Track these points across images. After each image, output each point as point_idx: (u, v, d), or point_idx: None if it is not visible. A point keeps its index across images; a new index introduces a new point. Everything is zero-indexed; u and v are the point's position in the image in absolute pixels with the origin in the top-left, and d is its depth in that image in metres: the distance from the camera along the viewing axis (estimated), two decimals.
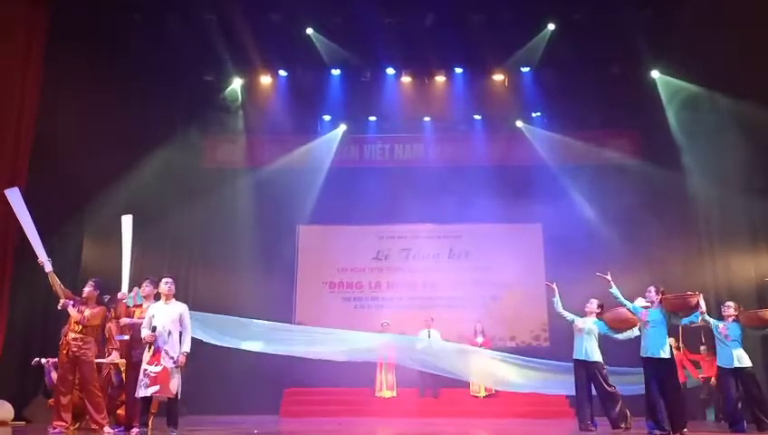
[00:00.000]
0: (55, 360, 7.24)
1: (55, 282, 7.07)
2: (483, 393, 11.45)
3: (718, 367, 7.94)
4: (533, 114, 13.45)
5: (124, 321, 7.10)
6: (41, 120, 9.13)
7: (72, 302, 6.99)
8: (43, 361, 7.92)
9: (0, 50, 8.80)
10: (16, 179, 8.46)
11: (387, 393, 11.62)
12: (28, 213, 7.16)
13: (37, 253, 7.11)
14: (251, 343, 9.49)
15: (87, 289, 7.00)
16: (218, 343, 9.15)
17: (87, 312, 6.90)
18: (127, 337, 7.19)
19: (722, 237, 11.73)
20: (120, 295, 7.20)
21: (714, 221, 11.91)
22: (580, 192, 12.69)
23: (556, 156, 13.13)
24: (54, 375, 7.33)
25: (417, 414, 10.86)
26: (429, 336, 11.59)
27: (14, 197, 7.24)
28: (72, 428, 6.93)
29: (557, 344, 10.33)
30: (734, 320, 7.81)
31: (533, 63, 12.15)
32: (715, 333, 7.83)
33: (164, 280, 6.73)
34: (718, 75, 10.95)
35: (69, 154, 9.37)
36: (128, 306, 7.27)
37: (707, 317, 7.54)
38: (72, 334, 6.90)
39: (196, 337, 8.02)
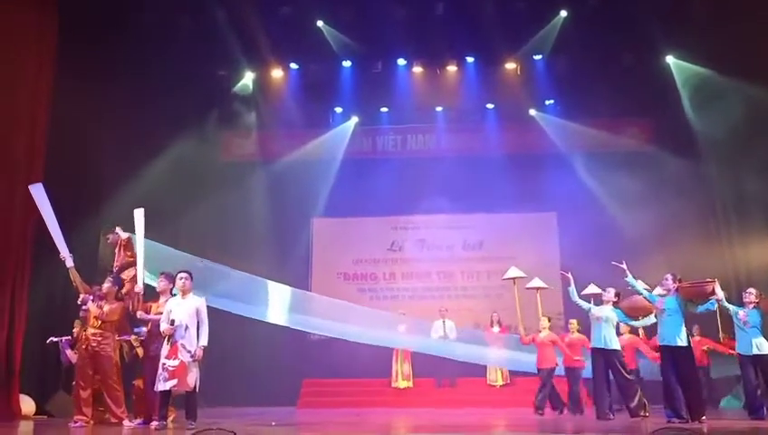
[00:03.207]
0: (69, 338, 7.27)
1: (76, 277, 7.16)
2: (500, 382, 11.46)
3: (738, 354, 7.88)
4: (546, 102, 13.38)
5: (141, 314, 7.16)
6: (57, 118, 9.19)
7: (91, 297, 7.07)
8: (56, 339, 7.91)
9: (13, 48, 8.84)
10: (32, 176, 8.51)
11: (403, 384, 11.66)
12: (51, 209, 7.24)
13: (59, 248, 7.19)
14: (274, 314, 9.49)
15: (106, 285, 7.07)
16: (243, 314, 9.18)
17: (106, 307, 6.97)
18: (145, 330, 7.26)
19: (739, 223, 11.63)
20: (136, 289, 7.26)
21: (730, 207, 11.81)
22: (594, 180, 12.62)
23: (570, 144, 13.07)
24: (69, 353, 7.33)
25: (434, 404, 10.89)
26: (444, 327, 11.60)
27: (38, 193, 7.32)
28: (92, 421, 7.01)
29: None
30: (754, 307, 7.73)
31: (546, 51, 12.08)
32: (734, 319, 7.76)
33: (179, 275, 6.76)
34: (733, 59, 10.79)
35: (85, 150, 9.46)
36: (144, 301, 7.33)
37: (726, 304, 7.47)
38: (91, 329, 6.97)
39: (224, 308, 8.27)
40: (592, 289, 8.94)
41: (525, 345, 9.57)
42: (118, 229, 7.67)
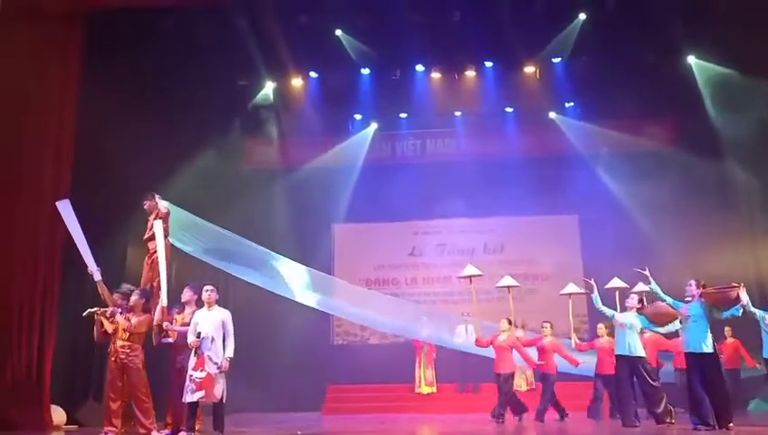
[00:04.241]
0: (105, 310, 7.29)
1: (104, 291, 7.28)
2: (524, 387, 11.41)
3: (764, 359, 7.82)
4: (566, 105, 13.32)
5: (167, 325, 7.28)
6: (82, 132, 9.35)
7: (119, 310, 7.19)
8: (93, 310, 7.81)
9: (39, 64, 9.02)
10: (60, 191, 8.69)
11: (426, 389, 11.69)
12: (78, 224, 7.39)
13: (87, 262, 7.33)
14: (303, 294, 10.06)
15: (133, 298, 7.18)
16: (276, 292, 9.85)
17: (134, 319, 7.08)
18: (171, 340, 7.37)
19: (764, 225, 11.47)
20: (160, 302, 7.38)
21: (756, 208, 11.65)
22: (616, 182, 12.56)
23: (591, 146, 13.02)
24: (106, 323, 7.28)
25: (458, 410, 10.90)
26: (467, 331, 11.60)
27: (65, 208, 7.48)
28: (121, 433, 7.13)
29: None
30: None
31: (565, 54, 12.01)
32: (761, 324, 7.69)
33: (205, 288, 6.88)
34: (755, 58, 10.66)
35: (111, 163, 9.60)
36: (168, 311, 7.45)
37: (752, 308, 7.38)
38: (119, 342, 7.07)
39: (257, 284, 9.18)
40: (571, 288, 9.09)
41: (483, 347, 9.36)
42: (157, 197, 7.84)
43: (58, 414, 8.90)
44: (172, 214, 7.98)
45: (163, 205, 7.79)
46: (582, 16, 11.37)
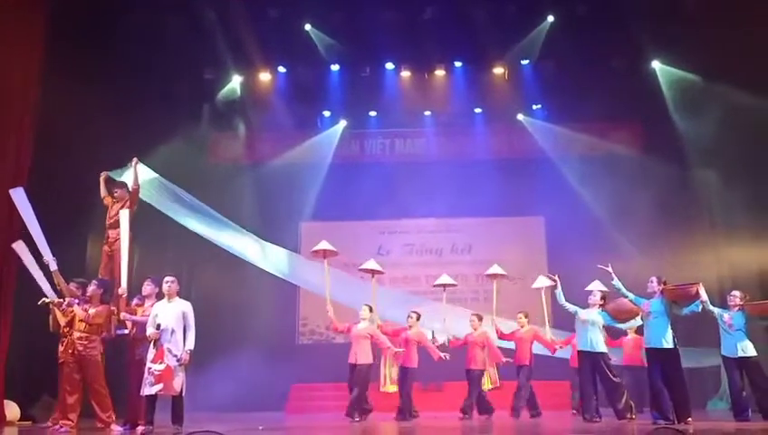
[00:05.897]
0: (61, 300, 7.13)
1: (60, 281, 7.11)
2: (488, 386, 11.39)
3: (722, 356, 7.95)
4: (534, 107, 13.43)
5: (124, 316, 7.13)
6: (44, 121, 9.13)
7: (77, 300, 7.02)
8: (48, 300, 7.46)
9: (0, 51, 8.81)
10: (18, 179, 8.46)
11: (391, 388, 11.54)
12: (33, 212, 7.21)
13: (42, 252, 7.15)
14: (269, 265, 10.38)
15: (91, 288, 7.04)
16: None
17: (91, 310, 6.93)
18: (127, 331, 7.22)
19: (725, 227, 11.72)
20: (120, 291, 7.24)
21: (716, 211, 11.90)
22: (582, 184, 12.67)
23: (557, 148, 13.13)
24: (59, 314, 7.08)
25: (422, 408, 10.82)
26: (433, 333, 11.56)
27: (19, 197, 7.29)
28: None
29: (561, 336, 10.39)
30: (739, 309, 7.81)
31: (533, 56, 12.14)
32: (719, 322, 7.83)
33: (165, 279, 6.76)
34: (719, 64, 10.90)
35: (72, 153, 9.40)
36: (128, 303, 7.30)
37: (710, 306, 7.55)
38: (76, 333, 6.92)
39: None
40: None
41: (341, 333, 9.30)
42: (135, 161, 7.99)
43: (11, 410, 8.67)
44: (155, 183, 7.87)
45: (135, 181, 7.83)
46: (551, 19, 11.51)
